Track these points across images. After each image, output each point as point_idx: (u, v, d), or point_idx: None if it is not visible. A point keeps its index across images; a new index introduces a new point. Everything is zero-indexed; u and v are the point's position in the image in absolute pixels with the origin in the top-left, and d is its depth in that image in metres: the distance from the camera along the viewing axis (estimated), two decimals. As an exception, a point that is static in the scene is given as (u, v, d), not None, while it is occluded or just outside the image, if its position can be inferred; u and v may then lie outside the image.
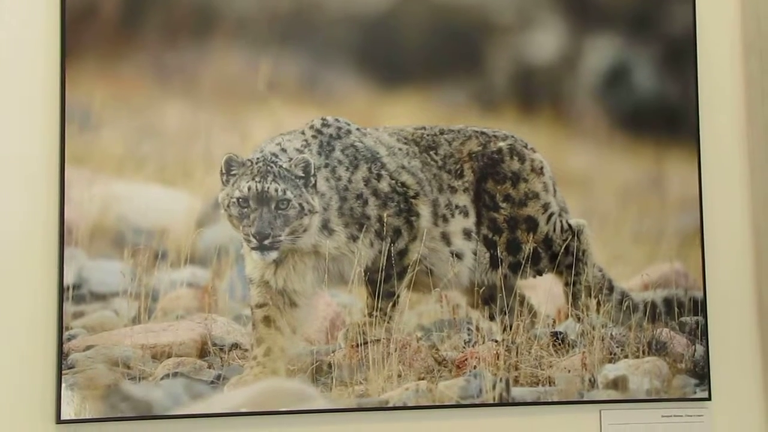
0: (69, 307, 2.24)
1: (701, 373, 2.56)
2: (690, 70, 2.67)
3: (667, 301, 2.58)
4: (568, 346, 2.49)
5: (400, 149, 2.47)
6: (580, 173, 2.62)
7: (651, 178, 2.64)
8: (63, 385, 2.20)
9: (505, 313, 2.48)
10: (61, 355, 2.22)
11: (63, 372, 2.21)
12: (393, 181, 2.43)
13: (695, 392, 2.55)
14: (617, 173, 2.63)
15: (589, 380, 2.47)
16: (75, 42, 2.29)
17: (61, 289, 2.24)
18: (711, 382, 2.57)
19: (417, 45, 2.55)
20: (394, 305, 2.41)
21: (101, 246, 2.30)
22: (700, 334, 2.58)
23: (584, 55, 2.65)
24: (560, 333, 2.50)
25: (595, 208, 2.62)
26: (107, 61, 2.32)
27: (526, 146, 2.54)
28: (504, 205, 2.50)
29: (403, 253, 2.42)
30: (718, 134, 2.68)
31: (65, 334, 2.23)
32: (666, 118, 2.66)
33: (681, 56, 2.67)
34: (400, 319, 2.42)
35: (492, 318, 2.49)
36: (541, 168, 2.54)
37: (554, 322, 2.54)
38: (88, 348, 2.24)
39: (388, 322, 2.40)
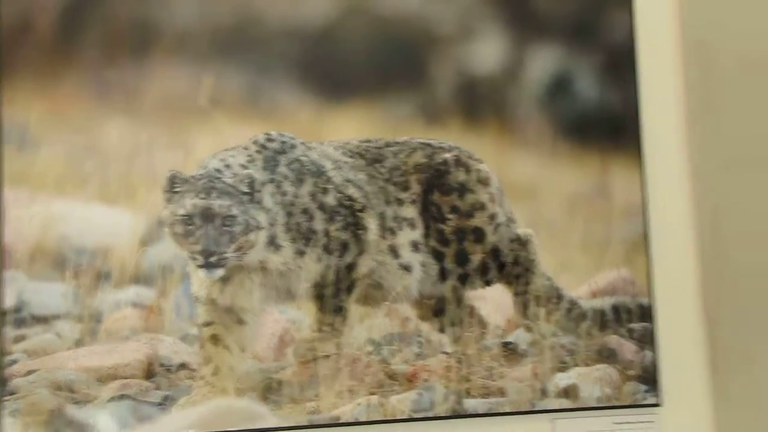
0: (9, 331, 2.19)
1: (651, 379, 2.57)
2: (631, 78, 2.68)
3: (616, 308, 2.59)
4: (519, 356, 2.49)
5: (345, 162, 2.45)
6: (526, 183, 2.63)
7: (596, 187, 2.65)
8: (4, 411, 2.15)
9: (455, 325, 2.47)
10: (2, 380, 2.16)
11: (4, 398, 2.16)
12: (339, 195, 2.41)
13: (645, 398, 2.56)
14: (563, 182, 2.63)
15: (541, 390, 2.47)
16: (10, 59, 2.24)
17: (1, 313, 2.18)
18: (660, 387, 2.58)
19: (360, 58, 2.54)
20: (343, 320, 2.39)
21: (42, 267, 2.25)
22: (648, 340, 2.59)
23: (526, 65, 2.66)
24: (510, 343, 2.50)
25: (542, 217, 2.62)
26: (44, 78, 2.28)
27: (471, 157, 2.53)
28: (451, 216, 2.49)
29: (351, 267, 2.40)
30: (661, 141, 2.70)
31: (6, 359, 2.18)
32: (609, 127, 2.68)
33: (622, 65, 2.69)
34: (349, 334, 2.40)
35: (442, 330, 2.48)
36: (488, 178, 2.53)
37: (504, 332, 2.53)
38: (30, 373, 2.20)
39: (337, 337, 2.38)
